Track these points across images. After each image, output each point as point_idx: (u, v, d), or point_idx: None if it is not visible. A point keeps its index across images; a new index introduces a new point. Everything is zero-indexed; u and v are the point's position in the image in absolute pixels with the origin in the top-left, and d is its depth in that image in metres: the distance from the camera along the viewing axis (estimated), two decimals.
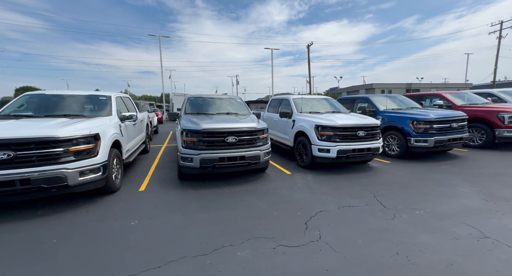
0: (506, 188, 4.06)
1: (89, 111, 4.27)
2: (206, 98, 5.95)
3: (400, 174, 5.05)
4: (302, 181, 4.68)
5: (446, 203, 3.51)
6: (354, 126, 5.13)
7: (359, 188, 4.22)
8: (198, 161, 4.05)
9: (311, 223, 2.94)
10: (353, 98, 8.73)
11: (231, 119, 4.70)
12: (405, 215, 3.16)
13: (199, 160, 4.04)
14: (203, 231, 2.74)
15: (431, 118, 6.03)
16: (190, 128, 4.15)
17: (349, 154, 5.07)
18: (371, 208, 3.38)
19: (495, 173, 4.95)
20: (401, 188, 4.19)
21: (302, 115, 5.98)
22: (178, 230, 2.80)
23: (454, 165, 5.69)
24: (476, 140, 7.70)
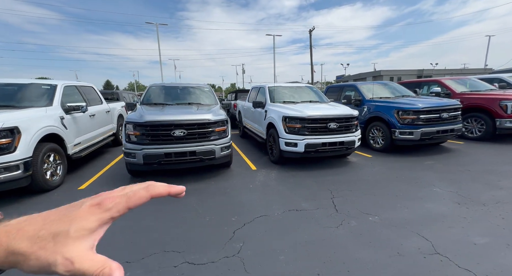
0: (488, 189, 3.54)
1: (24, 101, 3.95)
2: (168, 87, 5.53)
3: (374, 171, 4.58)
4: (262, 178, 4.29)
5: (409, 207, 3.06)
6: (324, 118, 4.64)
7: (319, 188, 3.80)
8: (141, 156, 3.70)
9: (240, 232, 2.57)
10: (342, 86, 8.11)
11: (185, 111, 4.30)
12: (355, 222, 2.74)
13: (142, 155, 3.70)
14: (111, 242, 2.42)
15: (418, 108, 5.43)
16: (132, 121, 3.78)
17: (319, 148, 4.61)
18: (320, 213, 2.97)
19: (483, 170, 4.39)
20: (367, 188, 3.74)
21: (274, 105, 5.50)
22: None
23: (440, 160, 5.14)
24: (474, 131, 7.02)
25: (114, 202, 0.32)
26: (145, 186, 0.35)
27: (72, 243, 0.29)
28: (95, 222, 0.31)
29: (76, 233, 0.30)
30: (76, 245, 0.30)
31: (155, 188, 0.35)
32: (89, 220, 0.31)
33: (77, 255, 0.29)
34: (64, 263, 0.28)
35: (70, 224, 0.30)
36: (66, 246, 0.29)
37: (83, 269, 0.29)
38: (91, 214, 0.31)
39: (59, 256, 0.28)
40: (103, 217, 0.32)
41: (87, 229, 0.31)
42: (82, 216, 0.31)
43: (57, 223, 0.30)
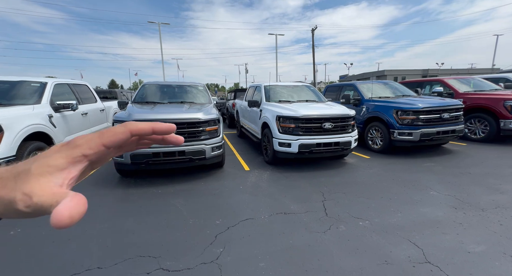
0: (488, 193, 3.38)
1: (13, 99, 3.89)
2: (161, 85, 5.44)
3: (371, 173, 4.43)
4: (254, 179, 4.17)
5: (402, 212, 2.92)
6: (319, 117, 4.50)
7: (312, 190, 3.67)
8: (128, 156, 3.62)
9: (223, 236, 2.46)
10: (341, 85, 7.94)
11: (175, 109, 4.21)
12: (344, 226, 2.62)
13: (130, 155, 3.61)
14: (85, 245, 2.33)
15: (418, 108, 5.26)
16: (119, 119, 3.71)
17: (313, 149, 4.48)
18: (308, 216, 2.85)
19: (485, 173, 4.22)
20: (361, 190, 3.61)
21: (269, 104, 5.38)
22: (58, 244, 2.40)
23: (440, 161, 4.97)
24: (478, 132, 6.81)
25: (84, 138, 0.30)
26: (123, 123, 0.32)
27: (34, 179, 0.28)
28: (62, 159, 0.29)
29: (38, 169, 0.28)
30: (39, 181, 0.28)
31: (135, 123, 0.33)
32: (54, 157, 0.29)
33: (38, 189, 0.27)
34: (23, 199, 0.27)
35: (33, 162, 0.29)
36: (27, 182, 0.27)
37: (41, 202, 0.27)
38: (58, 151, 0.29)
39: (18, 192, 0.27)
40: (72, 154, 0.29)
41: (51, 165, 0.28)
42: (47, 155, 0.29)
43: (21, 165, 0.29)
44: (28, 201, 0.27)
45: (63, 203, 0.26)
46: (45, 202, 0.26)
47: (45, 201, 0.26)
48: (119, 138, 0.31)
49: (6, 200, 0.27)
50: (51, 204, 0.26)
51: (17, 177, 0.28)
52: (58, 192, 0.27)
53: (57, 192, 0.27)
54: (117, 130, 0.31)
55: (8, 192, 0.27)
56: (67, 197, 0.26)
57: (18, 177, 0.28)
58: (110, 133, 0.31)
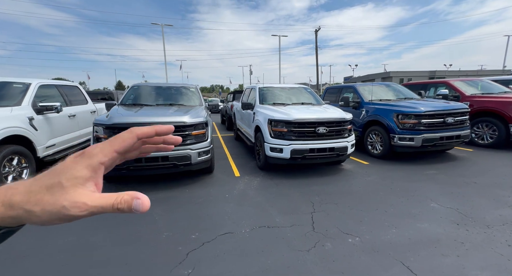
0: (495, 207, 3.08)
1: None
2: (151, 87, 5.26)
3: (368, 181, 4.15)
4: (242, 187, 3.94)
5: (398, 227, 2.65)
6: (312, 121, 4.25)
7: (302, 199, 3.42)
8: None
9: (195, 253, 2.23)
10: (340, 87, 7.67)
11: (159, 112, 4.02)
12: (331, 244, 2.36)
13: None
14: (39, 264, 2.13)
15: (420, 112, 4.96)
16: (99, 123, 3.53)
17: (306, 155, 4.23)
18: (293, 231, 2.60)
19: (492, 183, 3.90)
20: (355, 201, 3.34)
21: (262, 107, 5.16)
22: (12, 260, 2.21)
23: (444, 169, 4.66)
24: (486, 138, 6.44)
25: (97, 147, 0.33)
26: (129, 129, 0.35)
27: (71, 190, 0.30)
28: (85, 169, 0.31)
29: (68, 182, 0.31)
30: (78, 191, 0.31)
31: (140, 128, 0.36)
32: (77, 169, 0.31)
33: (86, 196, 0.31)
34: (76, 205, 0.30)
35: (59, 176, 0.31)
36: (67, 193, 0.30)
37: (99, 204, 0.31)
38: (77, 163, 0.32)
39: (66, 202, 0.30)
40: (91, 163, 0.32)
41: (78, 177, 0.31)
42: (68, 166, 0.31)
43: (46, 178, 0.31)
44: (83, 206, 0.30)
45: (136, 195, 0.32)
46: (104, 204, 0.31)
47: (103, 203, 0.31)
48: (128, 143, 0.35)
49: (54, 209, 0.30)
50: (112, 203, 0.31)
51: (50, 189, 0.30)
52: (109, 195, 0.32)
53: (106, 195, 0.32)
54: (125, 137, 0.35)
55: (52, 203, 0.30)
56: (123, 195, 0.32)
57: (51, 190, 0.30)
58: (120, 140, 0.34)
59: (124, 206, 0.31)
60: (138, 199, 0.32)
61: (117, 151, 0.34)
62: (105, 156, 0.33)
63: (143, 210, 0.32)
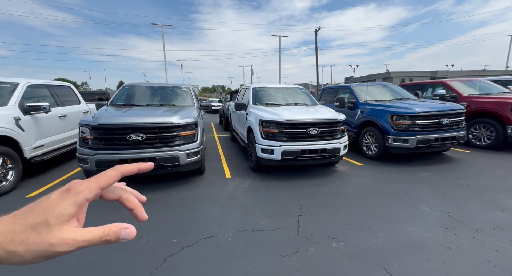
0: (487, 210, 3.00)
1: None
2: (143, 87, 5.22)
3: (360, 183, 4.09)
4: (232, 188, 3.89)
5: (385, 231, 2.58)
6: (303, 122, 4.19)
7: (290, 201, 3.36)
8: (93, 163, 3.40)
9: (173, 259, 2.18)
10: (337, 88, 7.60)
11: (148, 112, 3.97)
12: (314, 249, 2.30)
13: (95, 161, 3.39)
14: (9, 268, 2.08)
15: (414, 112, 4.88)
16: (84, 123, 3.49)
17: (297, 156, 4.16)
18: (277, 235, 2.54)
19: (487, 185, 3.82)
20: (345, 203, 3.28)
21: (255, 107, 5.10)
22: None
23: (438, 171, 4.58)
24: (483, 139, 6.35)
25: (83, 184, 0.34)
26: (114, 167, 0.37)
27: (58, 228, 0.31)
28: (71, 206, 0.32)
29: (55, 220, 0.31)
30: (64, 228, 0.31)
31: (124, 166, 0.38)
32: (63, 206, 0.32)
33: (73, 232, 0.31)
34: (64, 242, 0.30)
35: (46, 214, 0.31)
36: (53, 231, 0.30)
37: (87, 239, 0.32)
38: (63, 200, 0.32)
39: (53, 239, 0.30)
40: (77, 200, 0.33)
41: (65, 214, 0.32)
42: (55, 204, 0.32)
43: (30, 216, 0.31)
44: (71, 242, 0.31)
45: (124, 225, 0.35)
46: (93, 237, 0.32)
47: (91, 237, 0.32)
48: (113, 180, 0.36)
49: (40, 248, 0.30)
50: (100, 236, 0.33)
51: (35, 228, 0.30)
52: (96, 229, 0.33)
53: (94, 229, 0.33)
54: (110, 174, 0.36)
55: (38, 242, 0.30)
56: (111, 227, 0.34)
57: (37, 229, 0.30)
58: (105, 177, 0.35)
59: (112, 237, 0.33)
60: (126, 229, 0.34)
61: (102, 187, 0.35)
62: (90, 193, 0.34)
63: (131, 237, 0.35)
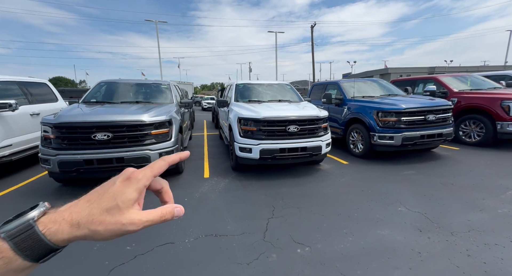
0: (466, 211, 2.87)
1: None
2: (118, 83, 5.03)
3: (341, 182, 3.95)
4: (206, 189, 3.74)
5: (355, 234, 2.44)
6: (282, 120, 4.03)
7: (264, 203, 3.22)
8: (55, 163, 3.23)
9: (121, 269, 2.03)
10: (325, 84, 7.43)
11: (119, 110, 3.79)
12: (276, 255, 2.16)
13: (57, 162, 3.22)
14: None
15: (400, 109, 4.73)
16: (46, 122, 3.32)
17: (276, 155, 4.01)
18: (241, 240, 2.40)
19: (470, 184, 3.69)
20: (320, 204, 3.14)
21: (236, 104, 4.93)
22: None
23: (423, 169, 4.44)
24: (473, 135, 6.21)
25: (141, 173, 0.40)
26: (161, 158, 0.44)
27: (126, 211, 0.37)
28: (134, 192, 0.38)
29: (124, 204, 0.37)
30: (130, 211, 0.37)
31: (170, 157, 0.44)
32: (128, 192, 0.38)
33: (138, 214, 0.38)
34: (133, 222, 0.37)
35: (115, 199, 0.37)
36: (124, 214, 0.37)
37: (150, 219, 0.38)
38: (127, 187, 0.38)
39: (124, 220, 0.36)
40: (138, 187, 0.39)
41: (130, 199, 0.38)
42: (121, 191, 0.38)
43: (103, 201, 0.37)
44: (139, 222, 0.37)
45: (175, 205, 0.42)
46: (153, 217, 0.39)
47: (153, 217, 0.39)
48: (163, 169, 0.42)
49: (115, 227, 0.36)
50: (160, 216, 0.39)
51: (109, 211, 0.36)
52: (154, 210, 0.40)
53: (152, 211, 0.39)
54: (161, 164, 0.42)
55: (113, 222, 0.36)
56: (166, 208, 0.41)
57: (111, 212, 0.36)
58: (157, 167, 0.41)
59: (168, 216, 0.40)
60: (177, 208, 0.42)
61: (155, 175, 0.41)
62: (147, 180, 0.40)
63: (182, 214, 0.42)
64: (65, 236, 0.34)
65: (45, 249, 0.34)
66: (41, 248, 0.33)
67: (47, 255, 0.35)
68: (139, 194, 0.39)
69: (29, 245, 0.33)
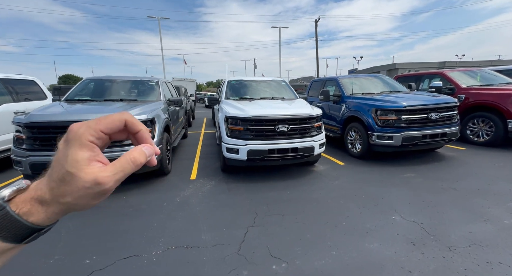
0: (467, 221, 2.57)
1: None
2: (104, 81, 4.83)
3: (334, 185, 3.69)
4: (189, 192, 3.53)
5: (340, 248, 2.19)
6: (270, 119, 3.77)
7: (247, 209, 2.99)
8: (27, 165, 3.07)
9: None
10: (324, 80, 7.10)
11: (97, 109, 3.61)
12: (249, 272, 1.93)
13: (28, 164, 3.07)
14: None
15: (400, 107, 4.40)
16: (17, 121, 3.16)
17: (265, 156, 3.77)
18: (213, 253, 2.18)
19: (475, 189, 3.37)
20: (307, 211, 2.89)
21: (226, 102, 4.69)
22: None
23: (424, 172, 4.13)
24: (481, 135, 5.82)
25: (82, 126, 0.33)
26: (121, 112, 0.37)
27: (82, 174, 0.31)
28: (79, 151, 0.31)
29: (73, 167, 0.31)
30: (88, 171, 0.31)
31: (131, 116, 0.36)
32: (72, 153, 0.31)
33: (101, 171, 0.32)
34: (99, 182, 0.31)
35: (63, 166, 0.31)
36: (81, 177, 0.31)
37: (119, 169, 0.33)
38: (69, 148, 0.32)
39: (87, 184, 0.31)
40: (81, 144, 0.32)
41: (78, 160, 0.31)
42: (64, 154, 0.32)
43: (54, 172, 0.32)
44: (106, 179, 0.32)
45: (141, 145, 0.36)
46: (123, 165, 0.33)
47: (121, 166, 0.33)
48: (115, 125, 0.35)
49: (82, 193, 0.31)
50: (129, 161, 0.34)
51: (64, 181, 0.31)
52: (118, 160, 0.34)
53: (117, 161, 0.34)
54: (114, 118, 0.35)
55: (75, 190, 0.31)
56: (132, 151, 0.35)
57: (65, 180, 0.31)
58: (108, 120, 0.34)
59: (141, 158, 0.34)
60: (144, 146, 0.36)
61: (102, 130, 0.33)
62: (93, 133, 0.32)
63: (154, 152, 0.36)
64: (41, 215, 0.32)
65: (24, 229, 0.31)
66: (19, 229, 0.31)
67: (29, 235, 0.32)
68: (88, 151, 0.32)
69: (4, 226, 0.30)
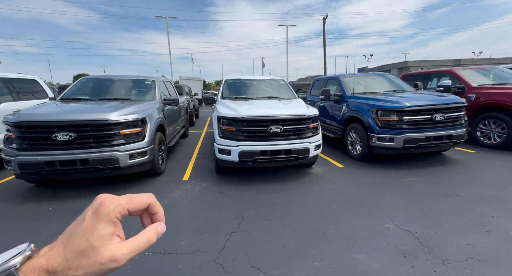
0: (468, 230, 2.38)
1: None
2: (100, 80, 4.81)
3: (328, 189, 3.53)
4: (179, 194, 3.46)
5: (325, 258, 2.06)
6: (264, 119, 3.65)
7: (233, 213, 2.89)
8: (16, 165, 3.07)
9: None
10: (326, 79, 6.90)
11: (88, 107, 3.59)
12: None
13: (18, 164, 3.07)
14: None
15: (402, 107, 4.19)
16: (6, 121, 3.16)
17: (257, 158, 3.65)
18: (190, 261, 2.09)
19: (479, 196, 3.15)
20: (296, 216, 2.76)
21: (221, 102, 4.59)
22: None
23: (426, 176, 3.91)
24: (493, 137, 5.50)
25: (114, 202, 0.35)
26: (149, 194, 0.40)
27: (103, 249, 0.32)
28: (106, 227, 0.33)
29: (97, 242, 0.32)
30: (109, 247, 0.32)
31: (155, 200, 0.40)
32: (99, 228, 0.33)
33: (118, 248, 0.33)
34: (114, 259, 0.32)
35: (87, 239, 0.32)
36: (101, 253, 0.32)
37: (135, 248, 0.34)
38: (97, 221, 0.33)
39: (103, 260, 0.32)
40: (110, 219, 0.34)
41: (103, 235, 0.33)
42: (91, 227, 0.33)
43: (74, 243, 0.32)
44: (123, 257, 0.33)
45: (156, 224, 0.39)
46: (140, 244, 0.35)
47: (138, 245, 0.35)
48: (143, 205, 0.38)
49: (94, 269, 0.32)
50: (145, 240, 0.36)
51: (84, 254, 0.32)
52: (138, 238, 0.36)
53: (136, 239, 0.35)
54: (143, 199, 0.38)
55: (91, 264, 0.31)
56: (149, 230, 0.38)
57: (86, 254, 0.32)
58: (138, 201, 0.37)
59: (154, 238, 0.37)
60: (159, 225, 0.39)
61: (130, 210, 0.36)
62: (121, 211, 0.35)
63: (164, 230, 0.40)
64: None
65: None
66: None
67: None
68: (113, 226, 0.34)
69: None
